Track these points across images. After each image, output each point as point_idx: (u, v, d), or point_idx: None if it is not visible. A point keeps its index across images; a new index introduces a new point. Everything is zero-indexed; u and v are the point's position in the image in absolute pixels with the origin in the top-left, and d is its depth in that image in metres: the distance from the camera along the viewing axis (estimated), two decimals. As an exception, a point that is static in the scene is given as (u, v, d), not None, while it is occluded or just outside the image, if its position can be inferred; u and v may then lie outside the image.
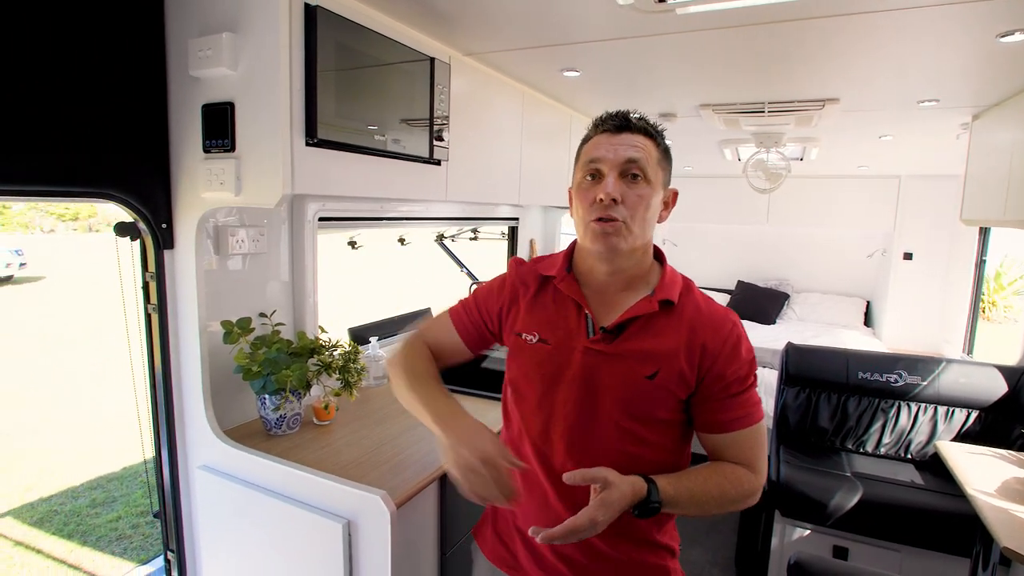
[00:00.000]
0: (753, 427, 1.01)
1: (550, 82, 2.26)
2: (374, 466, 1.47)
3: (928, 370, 2.68)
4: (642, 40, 1.69)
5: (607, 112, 1.04)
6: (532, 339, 1.07)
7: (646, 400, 0.99)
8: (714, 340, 0.99)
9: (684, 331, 1.00)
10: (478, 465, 0.90)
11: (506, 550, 1.13)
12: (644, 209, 0.98)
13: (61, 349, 7.46)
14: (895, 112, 2.48)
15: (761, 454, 1.03)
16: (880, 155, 3.64)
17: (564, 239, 3.84)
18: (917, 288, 4.37)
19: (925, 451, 2.64)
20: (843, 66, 1.89)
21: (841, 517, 2.33)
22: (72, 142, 1.24)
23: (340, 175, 1.43)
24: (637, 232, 0.99)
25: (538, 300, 1.10)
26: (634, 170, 0.98)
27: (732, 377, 0.99)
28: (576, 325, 1.04)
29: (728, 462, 1.02)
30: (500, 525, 1.16)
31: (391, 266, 13.83)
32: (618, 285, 1.05)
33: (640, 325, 1.01)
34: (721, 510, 0.98)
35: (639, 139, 0.99)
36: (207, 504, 1.55)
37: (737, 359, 0.99)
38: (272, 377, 1.53)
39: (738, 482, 0.99)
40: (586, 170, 1.02)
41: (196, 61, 1.30)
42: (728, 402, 0.99)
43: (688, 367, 0.98)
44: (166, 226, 1.46)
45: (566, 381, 1.03)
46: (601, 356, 1.01)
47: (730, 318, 1.03)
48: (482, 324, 1.16)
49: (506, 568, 1.13)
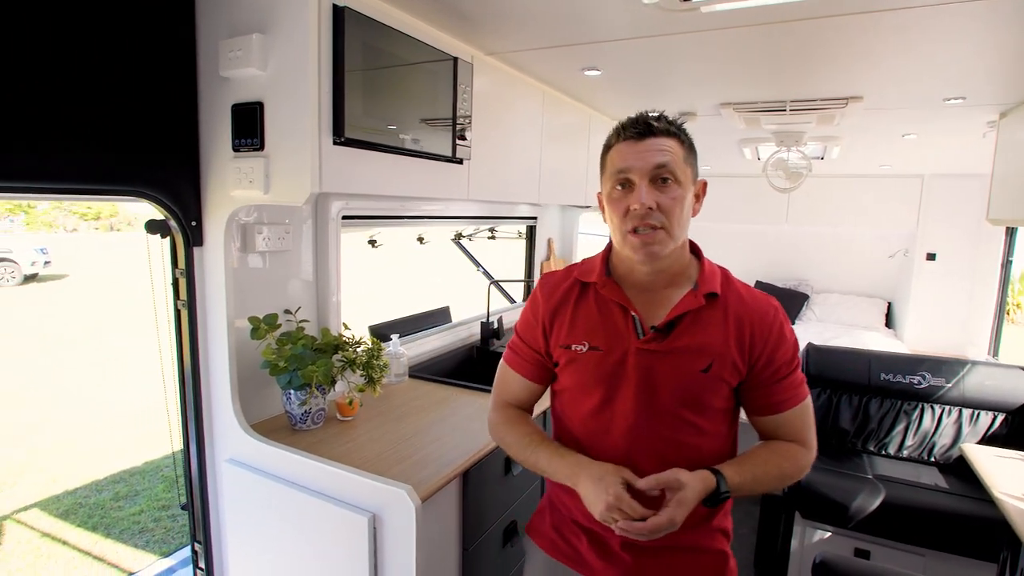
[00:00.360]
0: (801, 405, 1.06)
1: (571, 81, 2.27)
2: (397, 461, 1.48)
3: (953, 372, 2.64)
4: (664, 39, 1.69)
5: (628, 118, 1.04)
6: (582, 348, 1.08)
7: (702, 392, 1.03)
8: (761, 328, 1.03)
9: (731, 322, 1.03)
10: (610, 507, 0.93)
11: (566, 544, 1.15)
12: (679, 210, 1.00)
13: (85, 345, 7.60)
14: (920, 110, 2.44)
15: (811, 430, 1.08)
16: (903, 154, 3.59)
17: (582, 239, 3.84)
18: (940, 289, 4.30)
19: (949, 454, 2.60)
20: (867, 64, 1.87)
21: (863, 519, 2.30)
22: (108, 142, 1.27)
23: (366, 174, 1.44)
24: (676, 234, 1.01)
25: (580, 308, 1.11)
26: (664, 174, 0.99)
27: (780, 361, 1.04)
28: (624, 327, 1.06)
29: (781, 440, 1.07)
30: (558, 521, 1.18)
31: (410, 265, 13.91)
32: (660, 283, 1.07)
33: (689, 320, 1.04)
34: (780, 485, 1.05)
35: (664, 142, 1.00)
36: (234, 497, 1.58)
37: (784, 343, 1.04)
38: (298, 372, 1.56)
39: (793, 458, 1.05)
40: (615, 180, 1.02)
41: (226, 62, 1.33)
42: (778, 385, 1.04)
43: (739, 356, 1.02)
44: (196, 224, 1.49)
45: (623, 383, 1.04)
46: (655, 355, 1.03)
47: (772, 304, 1.06)
48: (537, 357, 1.16)
49: (567, 560, 1.15)
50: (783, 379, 1.04)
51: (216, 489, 1.64)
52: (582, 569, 1.13)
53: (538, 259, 3.44)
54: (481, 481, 1.60)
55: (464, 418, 1.79)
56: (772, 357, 1.03)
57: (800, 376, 1.07)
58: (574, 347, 1.09)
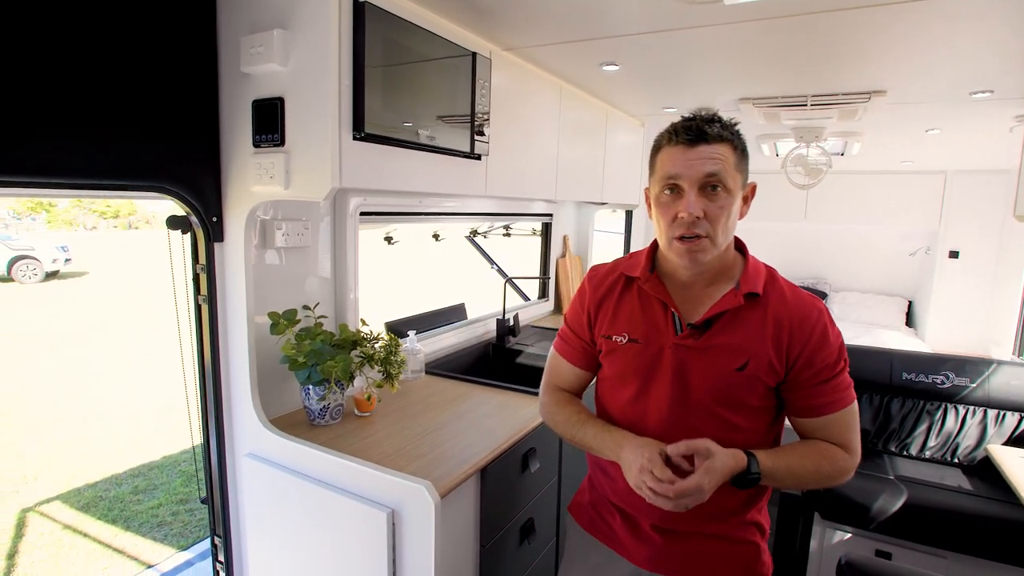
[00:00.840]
0: (845, 410, 1.04)
1: (589, 77, 2.25)
2: (415, 457, 1.48)
3: (978, 372, 2.59)
4: (684, 32, 1.67)
5: (682, 120, 1.03)
6: (622, 340, 1.12)
7: (737, 390, 1.03)
8: (801, 330, 1.02)
9: (771, 322, 1.03)
10: (642, 473, 0.97)
11: (603, 522, 1.21)
12: (726, 219, 1.00)
13: (105, 341, 7.72)
14: (945, 104, 2.40)
15: (855, 435, 1.06)
16: (926, 149, 3.53)
17: (597, 236, 3.82)
18: (963, 287, 4.22)
19: (973, 455, 2.55)
20: (892, 57, 1.84)
21: (884, 521, 2.26)
22: (132, 137, 1.28)
23: (385, 169, 1.44)
24: (720, 242, 1.02)
25: (623, 301, 1.15)
26: (714, 182, 0.99)
27: (821, 364, 1.02)
28: (664, 323, 1.08)
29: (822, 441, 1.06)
30: (596, 501, 1.24)
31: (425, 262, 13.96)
32: (703, 282, 1.08)
33: (727, 319, 1.04)
34: (817, 485, 1.04)
35: (716, 149, 0.99)
36: (253, 491, 1.59)
37: (825, 347, 1.02)
38: (317, 368, 1.56)
39: (833, 460, 1.03)
40: (664, 184, 1.03)
41: (248, 57, 1.33)
42: (819, 388, 1.03)
43: (776, 357, 1.02)
44: (216, 220, 1.50)
45: (659, 376, 1.07)
46: (691, 351, 1.05)
47: (816, 306, 1.05)
48: (583, 345, 1.21)
49: (602, 537, 1.21)
50: (825, 382, 1.03)
51: (235, 483, 1.65)
52: (615, 546, 1.18)
53: (553, 256, 3.43)
54: (499, 478, 1.60)
55: (482, 415, 1.78)
56: (812, 359, 1.02)
57: (846, 380, 1.05)
58: (615, 338, 1.13)
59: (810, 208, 4.69)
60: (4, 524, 3.38)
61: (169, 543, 3.14)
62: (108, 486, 3.84)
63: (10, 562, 3.00)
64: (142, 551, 3.07)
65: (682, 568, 1.12)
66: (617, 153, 2.94)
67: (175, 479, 3.94)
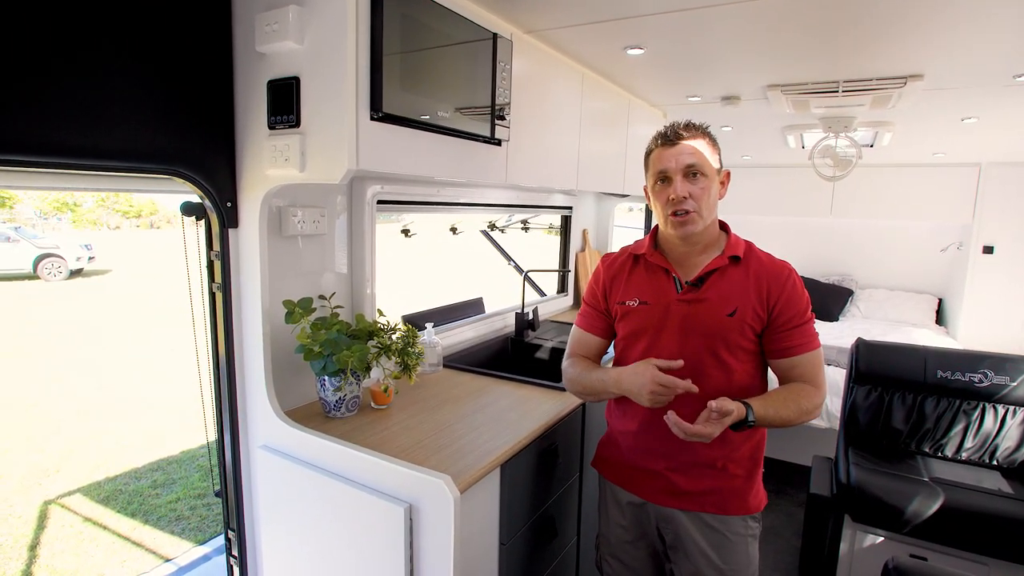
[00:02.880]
0: (814, 351, 1.31)
1: (612, 62, 2.18)
2: (434, 451, 1.44)
3: (1018, 370, 2.47)
4: (712, 10, 1.60)
5: (665, 128, 1.34)
6: (634, 303, 1.41)
7: (729, 332, 1.30)
8: (776, 283, 1.30)
9: (752, 278, 1.32)
10: (653, 388, 1.24)
11: (623, 469, 1.48)
12: (707, 197, 1.31)
13: (127, 337, 7.81)
14: (985, 88, 2.28)
15: (822, 374, 1.33)
16: (960, 140, 3.39)
17: (617, 231, 3.75)
18: (998, 284, 4.06)
19: (1014, 457, 2.44)
20: (930, 36, 1.74)
21: (919, 525, 2.17)
22: (146, 120, 1.25)
23: (402, 152, 1.39)
24: (705, 215, 1.31)
25: (633, 274, 1.44)
26: (694, 170, 1.29)
27: (793, 312, 1.30)
28: (666, 285, 1.38)
29: (795, 382, 1.32)
30: (615, 454, 1.51)
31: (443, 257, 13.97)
32: (695, 252, 1.37)
33: (717, 276, 1.33)
34: (799, 420, 1.27)
35: (693, 145, 1.30)
36: (267, 483, 1.55)
37: (796, 296, 1.30)
38: (333, 358, 1.52)
39: (808, 396, 1.29)
40: (656, 177, 1.34)
41: (263, 36, 1.29)
42: (792, 332, 1.30)
43: (759, 304, 1.30)
44: (231, 205, 1.46)
45: (666, 329, 1.35)
46: (691, 304, 1.33)
47: (787, 267, 1.34)
48: (601, 315, 1.50)
49: (625, 483, 1.48)
50: (797, 327, 1.30)
51: (250, 476, 1.61)
52: (635, 489, 1.45)
53: (573, 250, 3.37)
54: (520, 474, 1.54)
55: (502, 408, 1.73)
56: (785, 308, 1.29)
57: (813, 329, 1.32)
58: (628, 303, 1.42)
59: (836, 203, 4.55)
60: (27, 515, 3.41)
61: (187, 537, 3.14)
62: (128, 480, 3.87)
63: (32, 553, 3.02)
64: (160, 545, 3.08)
65: (691, 500, 1.37)
66: (639, 144, 2.83)
67: (193, 474, 3.95)
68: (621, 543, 1.52)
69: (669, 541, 1.43)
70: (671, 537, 1.42)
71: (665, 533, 1.43)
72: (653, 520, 1.45)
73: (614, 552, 1.54)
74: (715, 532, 1.38)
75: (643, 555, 1.50)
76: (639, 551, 1.50)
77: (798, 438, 3.60)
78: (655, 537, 1.46)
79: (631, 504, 1.47)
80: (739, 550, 1.38)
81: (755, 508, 1.40)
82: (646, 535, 1.48)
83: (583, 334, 1.52)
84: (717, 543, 1.37)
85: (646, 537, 1.48)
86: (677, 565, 1.43)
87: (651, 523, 1.45)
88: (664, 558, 1.48)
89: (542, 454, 1.64)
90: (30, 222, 21.63)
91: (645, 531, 1.48)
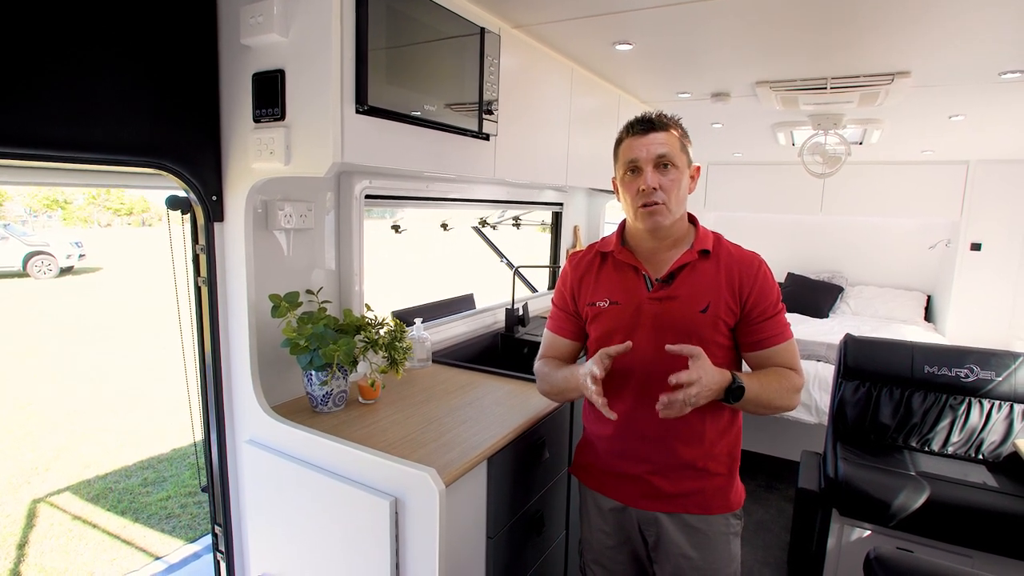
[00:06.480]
0: (788, 341, 1.30)
1: (601, 57, 2.18)
2: (420, 445, 1.44)
3: (1003, 365, 2.50)
4: (700, 5, 1.60)
5: (636, 117, 1.31)
6: (605, 304, 1.35)
7: (703, 328, 1.27)
8: (748, 276, 1.28)
9: (722, 272, 1.29)
10: (589, 369, 1.22)
11: (602, 475, 1.44)
12: (677, 190, 1.27)
13: (118, 335, 7.77)
14: (972, 86, 2.30)
15: (799, 361, 1.32)
16: (948, 138, 3.41)
17: (608, 228, 3.76)
18: (985, 281, 4.09)
19: (999, 451, 2.46)
20: (916, 33, 1.75)
21: (906, 518, 2.19)
22: (131, 112, 1.24)
23: (389, 146, 1.39)
24: (674, 208, 1.27)
25: (601, 273, 1.39)
26: (665, 161, 1.25)
27: (766, 303, 1.28)
28: (636, 283, 1.33)
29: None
30: (593, 460, 1.46)
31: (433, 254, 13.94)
32: (664, 247, 1.33)
33: (687, 272, 1.30)
34: (784, 399, 1.25)
35: (664, 135, 1.26)
36: (254, 478, 1.55)
37: (768, 288, 1.29)
38: (319, 352, 1.51)
39: (789, 378, 1.27)
40: (626, 167, 1.29)
41: (247, 28, 1.29)
42: (765, 323, 1.28)
43: (731, 298, 1.27)
44: (216, 198, 1.45)
45: (639, 328, 1.30)
46: (662, 302, 1.30)
47: (757, 258, 1.32)
48: (571, 317, 1.45)
49: (604, 489, 1.44)
50: (770, 318, 1.28)
51: (236, 471, 1.61)
52: (614, 494, 1.41)
53: (564, 246, 3.37)
54: (508, 468, 1.55)
55: (490, 403, 1.73)
56: (758, 300, 1.27)
57: (784, 320, 1.31)
58: (598, 303, 1.36)
59: (826, 200, 4.57)
60: (16, 514, 3.39)
61: (177, 535, 3.13)
62: (118, 478, 3.85)
63: (20, 552, 3.00)
64: (150, 543, 3.06)
65: (670, 501, 1.34)
66: (629, 141, 2.85)
67: (184, 471, 3.93)
68: (604, 548, 1.48)
69: (652, 543, 1.41)
70: (654, 539, 1.40)
71: (648, 536, 1.41)
72: (635, 524, 1.41)
73: (597, 558, 1.50)
74: (697, 532, 1.35)
75: (626, 559, 1.47)
76: (622, 556, 1.47)
77: (787, 433, 3.63)
78: (638, 541, 1.43)
79: (613, 510, 1.43)
80: (721, 548, 1.37)
81: (736, 505, 1.38)
82: (629, 540, 1.44)
83: (554, 338, 1.47)
84: (699, 543, 1.35)
85: (629, 542, 1.45)
86: (659, 565, 1.41)
87: (634, 527, 1.42)
88: (647, 561, 1.45)
89: (529, 448, 1.64)
90: (20, 219, 21.45)
91: (628, 536, 1.44)
